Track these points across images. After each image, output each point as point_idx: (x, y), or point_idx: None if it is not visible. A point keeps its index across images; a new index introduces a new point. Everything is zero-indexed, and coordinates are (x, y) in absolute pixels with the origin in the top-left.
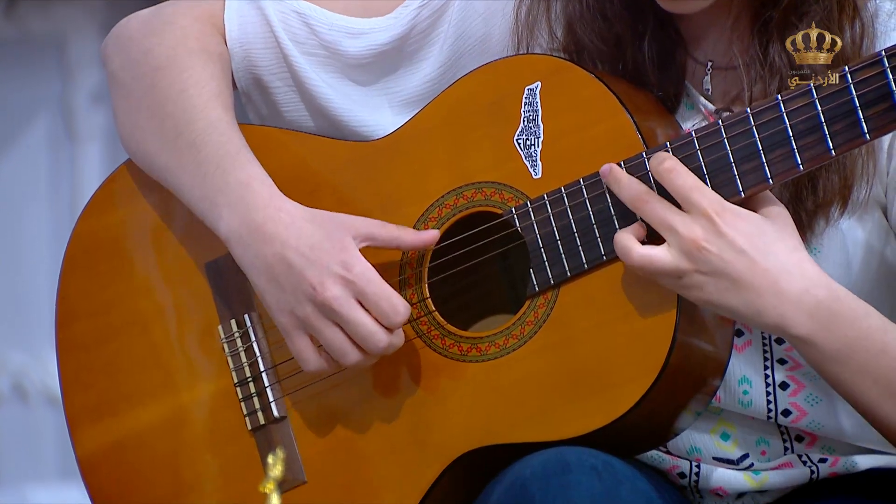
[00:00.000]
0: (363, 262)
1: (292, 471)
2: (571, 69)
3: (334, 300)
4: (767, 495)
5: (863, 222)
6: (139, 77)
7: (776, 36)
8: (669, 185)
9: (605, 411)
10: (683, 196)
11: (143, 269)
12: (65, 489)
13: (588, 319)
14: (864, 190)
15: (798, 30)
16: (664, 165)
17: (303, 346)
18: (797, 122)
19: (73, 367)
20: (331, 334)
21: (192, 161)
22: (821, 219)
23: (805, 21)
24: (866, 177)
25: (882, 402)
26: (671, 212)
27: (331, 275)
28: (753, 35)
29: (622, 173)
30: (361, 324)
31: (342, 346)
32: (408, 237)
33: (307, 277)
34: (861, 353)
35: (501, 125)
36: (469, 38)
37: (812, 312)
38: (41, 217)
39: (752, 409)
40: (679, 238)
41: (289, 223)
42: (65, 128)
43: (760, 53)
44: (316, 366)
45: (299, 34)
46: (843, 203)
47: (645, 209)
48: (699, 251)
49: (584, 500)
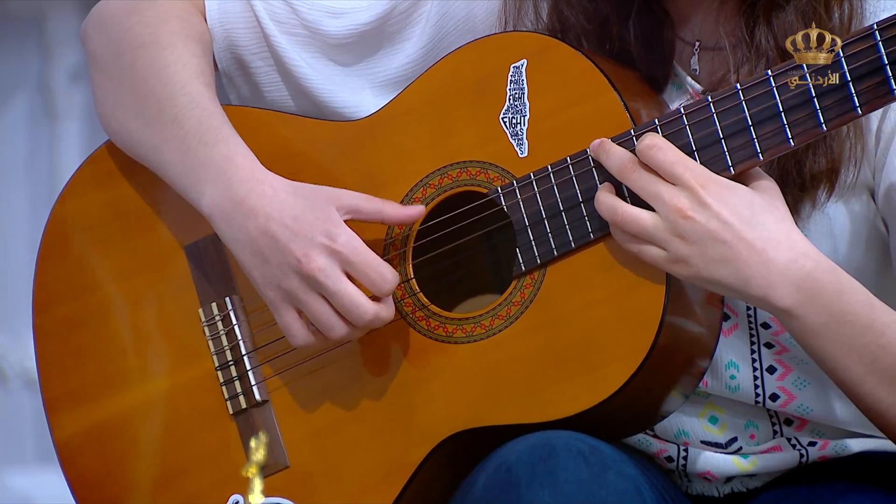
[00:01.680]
0: (348, 231)
1: (275, 455)
2: (558, 47)
3: (320, 271)
4: (756, 479)
5: (850, 206)
6: (119, 55)
7: (763, 18)
8: (653, 161)
9: (593, 392)
10: (668, 171)
11: (123, 251)
12: (43, 473)
13: (575, 299)
14: (851, 174)
15: (785, 11)
16: (645, 142)
17: (290, 320)
18: (787, 97)
19: (50, 351)
20: (317, 307)
21: (174, 137)
22: (807, 202)
23: (792, 2)
24: (854, 160)
25: (865, 379)
26: (657, 181)
27: (315, 246)
28: (740, 16)
29: (612, 144)
30: (347, 294)
31: (328, 319)
32: (392, 210)
33: (292, 250)
34: (846, 327)
35: (487, 104)
36: (452, 18)
37: (799, 283)
38: (20, 197)
39: (740, 393)
40: (665, 206)
41: (272, 196)
42: (44, 106)
43: (747, 35)
44: (304, 340)
45: (280, 14)
46: (830, 187)
47: (631, 177)
48: (685, 220)
49: (570, 485)
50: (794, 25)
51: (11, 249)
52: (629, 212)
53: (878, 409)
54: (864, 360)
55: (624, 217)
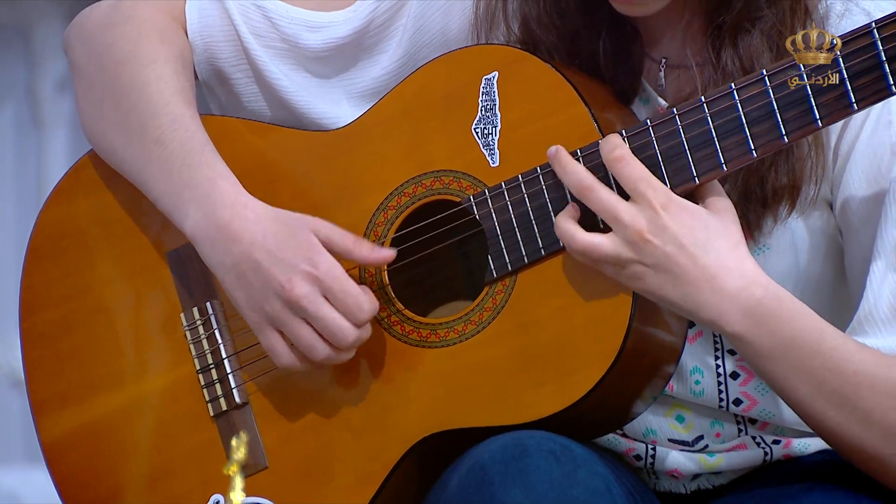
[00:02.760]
0: (329, 258)
1: (254, 456)
2: (529, 59)
3: (303, 298)
4: (722, 477)
5: (811, 220)
6: (102, 69)
7: (729, 40)
8: (618, 174)
9: (563, 395)
10: (631, 186)
11: (107, 258)
12: (31, 472)
13: (545, 305)
14: (812, 190)
15: (751, 35)
16: (614, 154)
17: (274, 342)
18: (751, 109)
19: (37, 355)
20: (299, 330)
21: (158, 157)
22: (769, 218)
23: (758, 26)
24: (815, 177)
25: (814, 400)
26: (617, 201)
27: (298, 272)
28: (707, 37)
29: (568, 159)
30: (329, 319)
31: (311, 342)
32: (362, 252)
33: (275, 275)
34: (795, 351)
35: (459, 114)
36: (428, 32)
37: (747, 311)
38: (7, 202)
39: (705, 398)
40: (624, 228)
41: (255, 221)
42: (30, 114)
43: (713, 56)
44: (288, 360)
45: (259, 27)
46: (791, 203)
47: (590, 197)
48: (644, 243)
49: (542, 484)
50: (759, 48)
51: None
52: (587, 240)
53: (827, 427)
54: (812, 382)
55: (583, 245)
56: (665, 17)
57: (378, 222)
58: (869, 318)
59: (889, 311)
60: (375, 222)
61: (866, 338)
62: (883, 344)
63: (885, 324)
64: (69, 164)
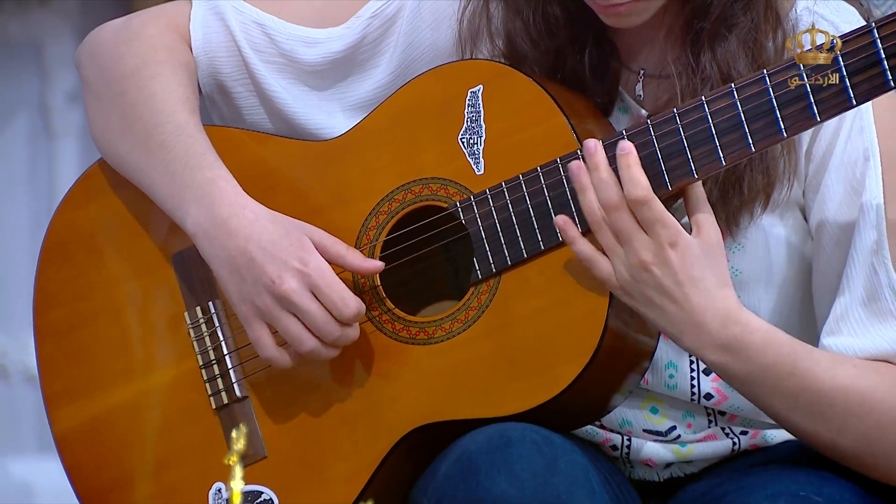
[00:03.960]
0: (319, 258)
1: (254, 446)
2: (512, 74)
3: (292, 292)
4: (693, 465)
5: (783, 221)
6: (110, 83)
7: (707, 45)
8: (639, 214)
9: (544, 390)
10: (648, 226)
11: (115, 259)
12: (43, 461)
13: (527, 305)
14: (784, 189)
15: (728, 41)
16: (637, 196)
17: (261, 334)
18: (720, 120)
19: (49, 351)
20: (287, 323)
21: (162, 161)
22: (745, 214)
23: (734, 32)
24: (787, 176)
25: (789, 415)
26: (634, 231)
27: (288, 269)
28: (685, 45)
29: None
30: (314, 314)
31: (299, 335)
32: (353, 260)
33: (267, 271)
34: (770, 377)
35: (447, 125)
36: (418, 47)
37: (725, 346)
38: (21, 208)
39: (678, 391)
40: (633, 253)
41: (252, 220)
42: (43, 125)
43: (693, 62)
44: (272, 353)
45: (259, 43)
46: (765, 200)
47: (612, 216)
48: (645, 270)
49: (525, 472)
50: (735, 53)
51: (12, 257)
52: (590, 253)
53: (803, 435)
54: (787, 401)
55: (583, 255)
56: (645, 30)
57: (370, 226)
58: (844, 317)
59: (862, 310)
60: (368, 226)
61: (840, 336)
62: (856, 342)
63: (858, 323)
64: (79, 172)
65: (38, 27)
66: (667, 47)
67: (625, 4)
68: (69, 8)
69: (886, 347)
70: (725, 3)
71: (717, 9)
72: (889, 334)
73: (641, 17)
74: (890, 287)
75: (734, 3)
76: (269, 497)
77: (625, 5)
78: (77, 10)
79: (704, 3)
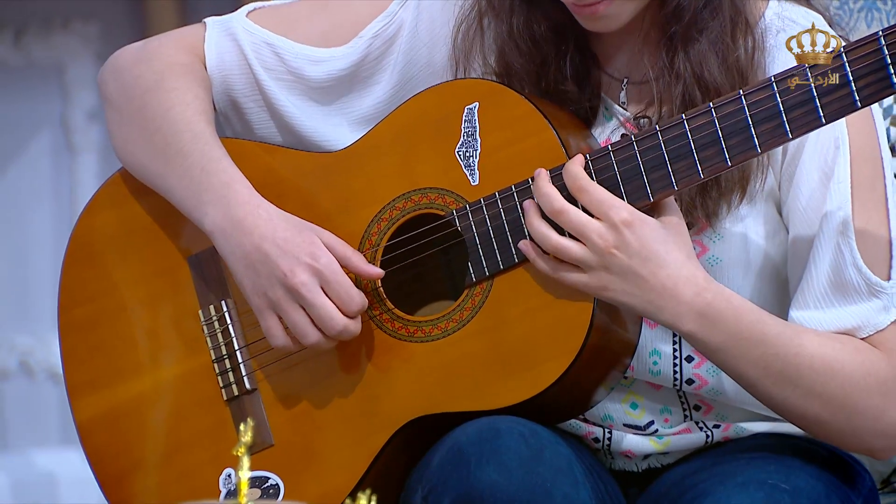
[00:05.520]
0: (328, 255)
1: (261, 435)
2: (505, 91)
3: (302, 286)
4: (669, 457)
5: (759, 212)
6: (131, 98)
7: (681, 47)
8: (584, 201)
9: (531, 385)
10: (596, 209)
11: (134, 261)
12: (64, 453)
13: (517, 306)
14: (759, 181)
15: (699, 42)
16: (577, 184)
17: (272, 324)
18: (699, 137)
19: (72, 345)
20: (295, 316)
21: (180, 166)
22: (723, 206)
23: (704, 35)
24: (762, 169)
25: (761, 382)
26: (587, 220)
27: (300, 264)
28: (661, 49)
29: (545, 184)
30: (321, 306)
31: (304, 327)
32: (357, 263)
33: (279, 265)
34: (742, 343)
35: (444, 139)
36: (416, 65)
37: (700, 312)
38: (44, 217)
39: (661, 377)
40: (594, 243)
41: (266, 219)
42: (64, 141)
43: (668, 63)
44: (282, 342)
45: (269, 62)
46: (742, 192)
47: (563, 218)
48: (611, 255)
49: (513, 462)
50: (706, 54)
51: (36, 264)
52: (561, 241)
53: (774, 402)
54: (758, 367)
55: (557, 245)
56: (624, 35)
57: (372, 232)
58: (810, 291)
59: (828, 286)
60: (370, 232)
61: (807, 310)
62: (821, 316)
63: (823, 298)
64: (97, 183)
65: (60, 51)
66: (645, 52)
67: (601, 3)
68: (89, 33)
69: (848, 322)
70: (696, 9)
71: (687, 13)
72: (851, 308)
73: (619, 21)
74: (854, 265)
75: (703, 8)
76: (276, 482)
77: (601, 4)
78: (97, 35)
79: (677, 9)
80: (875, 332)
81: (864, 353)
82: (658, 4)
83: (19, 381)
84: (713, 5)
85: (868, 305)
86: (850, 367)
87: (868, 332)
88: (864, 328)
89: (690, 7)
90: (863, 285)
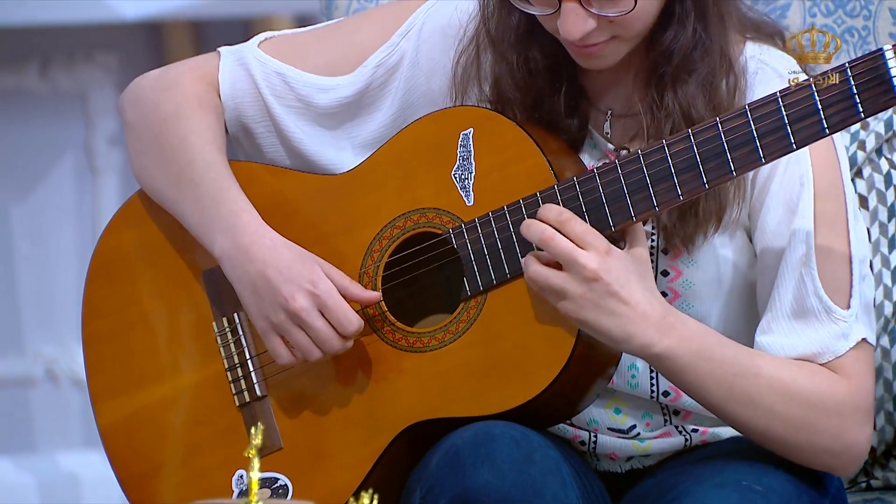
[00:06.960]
0: (327, 281)
1: (271, 438)
2: (498, 118)
3: (302, 310)
4: (651, 458)
5: (731, 240)
6: (148, 127)
7: (670, 87)
8: (567, 232)
9: (523, 393)
10: (580, 238)
11: (152, 276)
12: (88, 455)
13: (510, 319)
14: (735, 212)
15: (688, 83)
16: (561, 218)
17: (276, 345)
18: (678, 161)
19: (95, 355)
20: (298, 336)
21: (192, 195)
22: (699, 235)
23: (693, 76)
24: (738, 200)
25: (726, 403)
26: (573, 250)
27: (301, 290)
28: (650, 87)
29: (533, 221)
30: (320, 330)
31: (307, 347)
32: (355, 290)
33: (282, 291)
34: (705, 363)
35: (442, 162)
36: (415, 92)
37: (668, 332)
38: (68, 235)
39: (639, 390)
40: (582, 269)
41: (270, 247)
42: (87, 164)
43: (657, 101)
44: (287, 360)
45: (279, 90)
46: (717, 222)
47: (551, 245)
48: (596, 280)
49: (505, 464)
50: (695, 93)
51: (60, 278)
52: (540, 270)
53: (739, 423)
54: (722, 388)
55: (535, 274)
56: (614, 73)
57: (374, 250)
58: (775, 318)
59: (791, 313)
60: (372, 249)
61: (771, 335)
62: (784, 342)
63: (787, 324)
64: (118, 203)
65: (83, 80)
66: (634, 89)
67: (598, 45)
68: (110, 63)
69: (809, 348)
70: (685, 51)
71: (677, 56)
72: (812, 335)
73: (612, 59)
74: (815, 294)
75: (693, 51)
76: (284, 483)
77: (598, 46)
78: (117, 64)
79: (667, 51)
80: (834, 357)
81: (822, 376)
82: (647, 44)
83: (45, 388)
84: (703, 48)
85: (827, 332)
86: (808, 388)
87: (828, 358)
88: (824, 354)
89: (681, 50)
90: (823, 313)
